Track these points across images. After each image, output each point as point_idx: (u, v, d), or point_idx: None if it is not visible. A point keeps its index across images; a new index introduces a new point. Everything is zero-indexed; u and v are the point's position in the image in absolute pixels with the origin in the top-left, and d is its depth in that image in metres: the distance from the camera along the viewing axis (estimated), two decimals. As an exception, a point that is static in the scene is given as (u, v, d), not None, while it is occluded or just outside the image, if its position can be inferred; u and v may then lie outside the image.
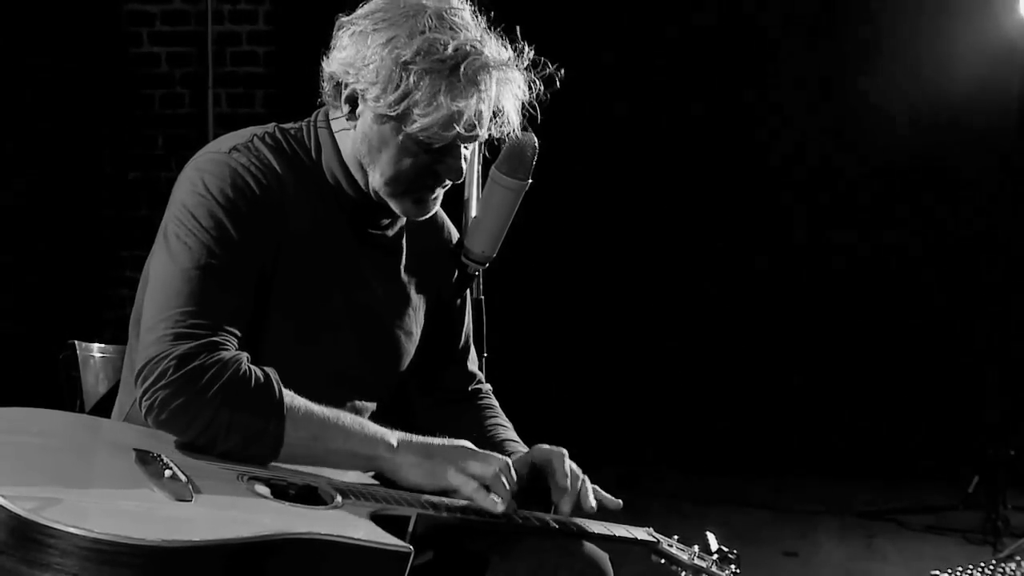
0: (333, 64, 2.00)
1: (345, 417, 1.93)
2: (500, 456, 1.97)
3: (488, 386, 2.40)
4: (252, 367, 1.88)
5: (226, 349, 1.88)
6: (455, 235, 2.29)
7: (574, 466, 2.07)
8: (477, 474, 1.92)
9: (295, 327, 2.02)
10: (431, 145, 1.97)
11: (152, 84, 5.83)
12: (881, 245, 5.94)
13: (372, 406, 2.16)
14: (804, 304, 5.99)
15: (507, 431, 2.30)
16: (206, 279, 1.91)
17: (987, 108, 5.58)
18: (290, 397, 1.89)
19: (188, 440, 1.85)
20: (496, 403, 2.38)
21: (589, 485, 2.07)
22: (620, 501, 2.10)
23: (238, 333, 1.92)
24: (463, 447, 1.97)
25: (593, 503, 2.06)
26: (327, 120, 2.08)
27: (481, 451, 1.98)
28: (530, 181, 2.16)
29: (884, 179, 5.91)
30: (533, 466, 2.07)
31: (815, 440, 5.75)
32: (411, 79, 1.91)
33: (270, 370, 1.90)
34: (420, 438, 1.97)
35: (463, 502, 1.93)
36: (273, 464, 1.88)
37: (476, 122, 1.95)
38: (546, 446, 2.10)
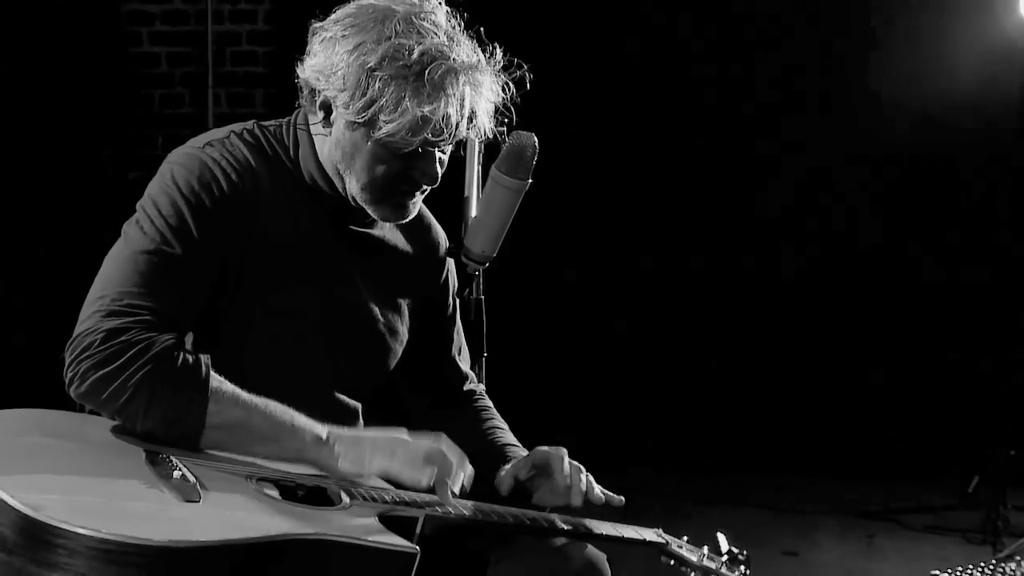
0: (307, 71, 2.00)
1: (275, 407, 1.89)
2: (430, 443, 1.93)
3: (481, 387, 2.39)
4: (184, 350, 1.85)
5: (160, 330, 1.84)
6: (442, 236, 2.29)
7: (574, 463, 2.08)
8: (408, 458, 1.90)
9: (274, 323, 2.01)
10: (401, 150, 1.96)
11: (152, 84, 5.83)
12: (880, 245, 5.94)
13: (357, 404, 2.15)
14: (804, 304, 5.98)
15: (506, 434, 2.29)
16: (154, 264, 1.89)
17: (987, 108, 5.57)
18: (218, 381, 1.85)
19: (109, 415, 1.82)
20: (491, 405, 2.37)
21: (592, 479, 2.08)
22: (622, 498, 2.11)
23: (180, 323, 1.89)
24: (394, 436, 1.93)
25: (601, 495, 2.07)
26: (306, 123, 2.08)
27: (411, 439, 1.94)
28: (530, 181, 2.16)
29: (884, 179, 5.91)
30: (534, 467, 2.08)
31: (815, 440, 5.74)
32: (377, 85, 1.91)
33: (204, 356, 1.86)
34: (350, 430, 1.95)
35: (471, 502, 1.93)
36: (275, 464, 1.87)
37: (444, 127, 1.93)
38: (546, 447, 2.11)
